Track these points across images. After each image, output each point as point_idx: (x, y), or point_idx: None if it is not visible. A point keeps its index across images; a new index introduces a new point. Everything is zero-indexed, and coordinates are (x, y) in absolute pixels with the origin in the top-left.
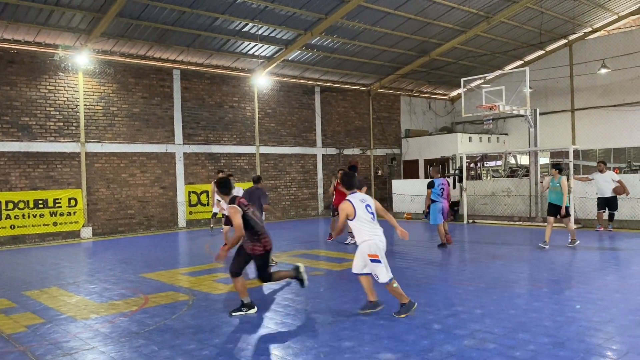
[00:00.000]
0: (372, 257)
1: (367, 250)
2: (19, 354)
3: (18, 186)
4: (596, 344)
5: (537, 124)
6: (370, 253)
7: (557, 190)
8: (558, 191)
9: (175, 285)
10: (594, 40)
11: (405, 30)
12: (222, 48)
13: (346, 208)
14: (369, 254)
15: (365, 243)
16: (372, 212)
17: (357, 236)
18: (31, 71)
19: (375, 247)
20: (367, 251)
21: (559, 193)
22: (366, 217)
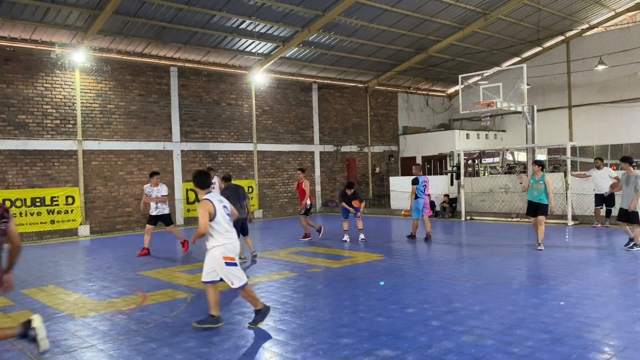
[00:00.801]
0: (228, 260)
1: (223, 253)
2: (18, 352)
3: (15, 184)
4: (594, 339)
5: (534, 120)
6: (226, 256)
7: (540, 188)
8: (541, 189)
9: (173, 283)
10: (591, 36)
11: (402, 27)
12: (219, 45)
13: (208, 207)
14: (224, 257)
15: (221, 247)
16: (229, 214)
17: (212, 239)
18: (28, 69)
19: (233, 249)
20: (222, 254)
21: (541, 191)
22: (224, 218)
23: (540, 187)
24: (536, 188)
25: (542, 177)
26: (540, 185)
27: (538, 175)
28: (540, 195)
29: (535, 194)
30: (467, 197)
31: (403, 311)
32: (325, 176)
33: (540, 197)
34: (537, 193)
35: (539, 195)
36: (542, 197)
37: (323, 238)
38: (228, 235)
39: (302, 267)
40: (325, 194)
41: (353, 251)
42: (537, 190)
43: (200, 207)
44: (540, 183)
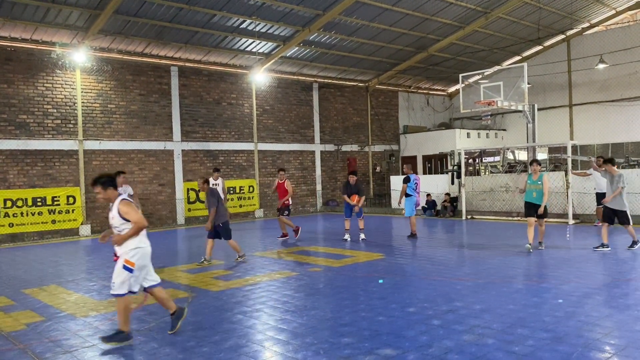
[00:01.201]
0: (128, 265)
1: (129, 255)
2: (19, 351)
3: (16, 184)
4: (595, 338)
5: (535, 119)
6: (128, 259)
7: (539, 188)
8: (540, 190)
9: (174, 282)
10: (592, 35)
11: (403, 26)
12: (219, 45)
13: (134, 206)
14: (126, 259)
15: (132, 250)
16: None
17: (125, 243)
18: (28, 69)
19: (143, 255)
20: (128, 256)
21: (540, 192)
22: None
23: (539, 188)
24: (535, 189)
25: (541, 177)
26: (539, 186)
27: (536, 175)
28: (539, 196)
29: (534, 195)
30: (467, 196)
31: (404, 310)
32: (326, 175)
33: (539, 198)
34: (536, 194)
35: (539, 196)
36: (540, 197)
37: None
38: (144, 240)
39: (302, 266)
40: (326, 193)
41: (354, 250)
42: (536, 191)
43: (125, 205)
44: (538, 183)
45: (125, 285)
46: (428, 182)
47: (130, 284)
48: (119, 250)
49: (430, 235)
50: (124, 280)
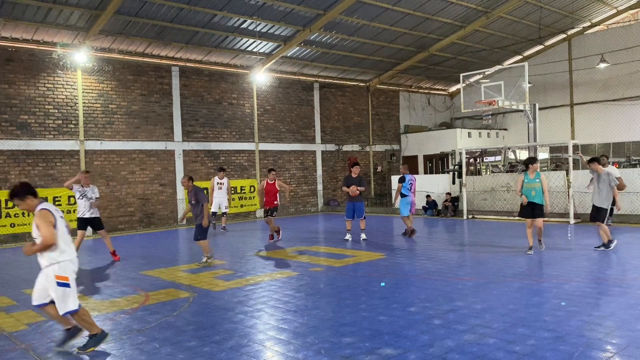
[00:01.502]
0: (61, 280)
1: (56, 272)
2: (21, 351)
3: None
4: (596, 338)
5: (536, 119)
6: (59, 275)
7: (537, 187)
8: (538, 189)
9: (175, 283)
10: (593, 34)
11: (403, 26)
12: (220, 45)
13: (49, 216)
14: (57, 276)
15: (56, 265)
16: (68, 226)
17: (47, 256)
18: (30, 69)
19: (71, 268)
20: (56, 272)
21: (538, 190)
22: (64, 230)
23: (537, 186)
24: (533, 187)
25: (538, 175)
26: (537, 184)
27: (533, 174)
28: (538, 195)
29: (533, 194)
30: (469, 195)
31: (405, 310)
32: (327, 175)
33: (538, 196)
34: (535, 193)
35: (538, 195)
36: (539, 196)
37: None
38: (69, 252)
39: (304, 266)
40: (327, 193)
41: (355, 250)
42: (535, 190)
43: (39, 217)
44: (537, 182)
45: (72, 300)
46: (429, 182)
47: (75, 296)
48: (43, 264)
49: (431, 235)
50: (67, 296)
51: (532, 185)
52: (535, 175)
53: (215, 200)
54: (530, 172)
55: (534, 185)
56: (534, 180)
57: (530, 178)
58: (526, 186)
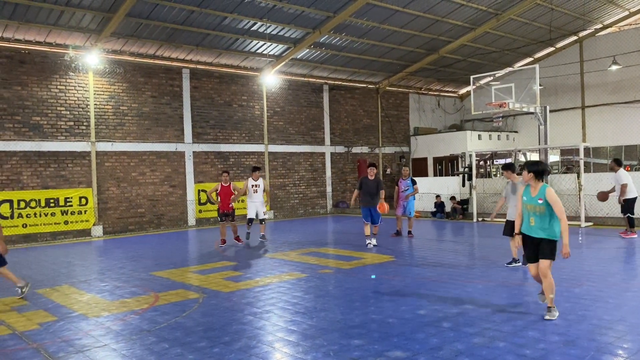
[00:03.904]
0: None
1: None
2: (32, 351)
3: (30, 185)
4: (607, 342)
5: (547, 121)
6: None
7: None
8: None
9: (185, 283)
10: (605, 36)
11: (414, 28)
12: (230, 47)
13: None
14: None
15: None
16: None
17: None
18: (42, 71)
19: None
20: None
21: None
22: None
23: (541, 211)
24: (534, 212)
25: (543, 191)
26: (542, 208)
27: (536, 190)
28: (544, 224)
29: (533, 223)
30: (478, 198)
31: (414, 312)
32: (336, 177)
33: (544, 226)
34: (535, 222)
35: (542, 224)
36: (545, 226)
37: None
38: None
39: (312, 268)
40: (336, 195)
41: (364, 252)
42: (537, 217)
43: None
44: (539, 203)
45: None
46: (439, 184)
47: None
48: None
49: (440, 238)
50: None
51: (533, 208)
52: (540, 191)
53: (251, 205)
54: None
55: (536, 210)
56: (535, 200)
57: (530, 195)
58: (524, 208)
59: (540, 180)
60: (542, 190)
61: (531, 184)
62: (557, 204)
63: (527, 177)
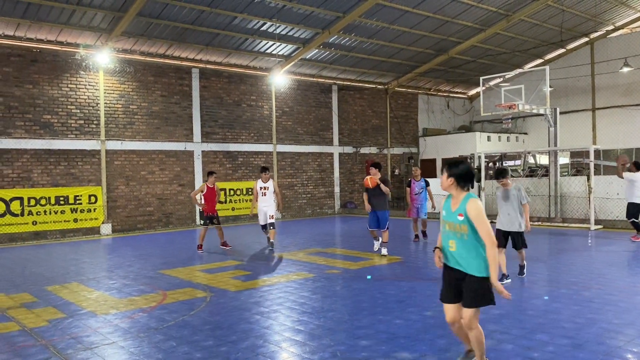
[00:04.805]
0: None
1: None
2: (41, 347)
3: (40, 183)
4: (616, 346)
5: (557, 123)
6: None
7: (463, 232)
8: (463, 237)
9: (193, 282)
10: (616, 38)
11: (423, 29)
12: (240, 47)
13: None
14: None
15: None
16: None
17: None
18: (53, 70)
19: None
20: None
21: (463, 242)
22: None
23: (462, 231)
24: (454, 233)
25: (465, 204)
26: (463, 227)
27: (457, 202)
28: (466, 250)
29: (453, 248)
30: (487, 200)
31: (421, 314)
32: (344, 177)
33: (467, 254)
34: (455, 246)
35: (465, 250)
36: (469, 255)
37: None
38: None
39: (320, 268)
40: (344, 195)
41: (371, 253)
42: (456, 240)
43: None
44: (460, 220)
45: None
46: None
47: None
48: None
49: None
50: None
51: (451, 226)
52: (460, 205)
53: (261, 210)
54: (453, 196)
55: (454, 229)
56: (454, 216)
57: (450, 209)
58: (442, 226)
59: (463, 188)
60: (463, 203)
61: (452, 194)
62: (482, 222)
63: (447, 182)
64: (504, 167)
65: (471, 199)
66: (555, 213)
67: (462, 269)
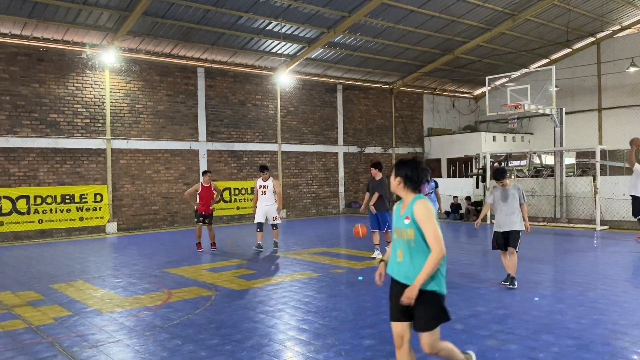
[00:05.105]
0: None
1: None
2: (47, 344)
3: (46, 181)
4: (622, 347)
5: (562, 123)
6: None
7: (410, 238)
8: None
9: (198, 281)
10: (623, 38)
11: (429, 28)
12: (245, 46)
13: None
14: None
15: None
16: None
17: None
18: (59, 69)
19: None
20: None
21: (412, 250)
22: None
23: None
24: (402, 240)
25: (412, 206)
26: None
27: (405, 204)
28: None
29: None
30: None
31: None
32: (349, 177)
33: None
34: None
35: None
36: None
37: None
38: None
39: (324, 267)
40: (348, 195)
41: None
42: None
43: None
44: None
45: None
46: (453, 186)
47: None
48: None
49: (453, 239)
50: None
51: (401, 234)
52: (408, 207)
53: (260, 209)
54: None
55: (403, 235)
56: (402, 220)
57: (399, 213)
58: (394, 231)
59: (413, 189)
60: (410, 205)
61: (402, 196)
62: (430, 225)
63: (394, 183)
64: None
65: (419, 200)
66: (561, 213)
67: (410, 282)
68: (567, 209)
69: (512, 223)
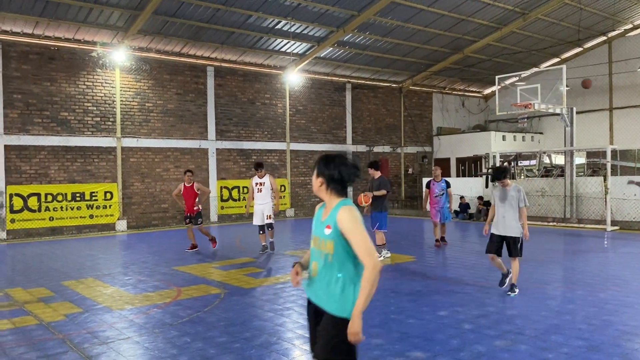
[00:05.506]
0: None
1: None
2: (58, 341)
3: (57, 179)
4: (632, 348)
5: (573, 123)
6: None
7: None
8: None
9: (207, 279)
10: (635, 37)
11: (438, 27)
12: (255, 45)
13: None
14: None
15: None
16: None
17: None
18: (70, 67)
19: None
20: None
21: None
22: None
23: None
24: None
25: (335, 213)
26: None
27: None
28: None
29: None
30: None
31: (435, 313)
32: None
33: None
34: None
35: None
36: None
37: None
38: None
39: None
40: (356, 194)
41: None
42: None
43: None
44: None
45: None
46: (462, 185)
47: None
48: None
49: (462, 239)
50: None
51: (317, 242)
52: (330, 215)
53: (257, 209)
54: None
55: (319, 246)
56: (321, 229)
57: (320, 219)
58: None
59: (338, 192)
60: (334, 212)
61: (324, 199)
62: (358, 235)
63: (315, 184)
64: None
65: (344, 206)
66: (571, 214)
67: (320, 303)
68: (577, 209)
69: (508, 227)
